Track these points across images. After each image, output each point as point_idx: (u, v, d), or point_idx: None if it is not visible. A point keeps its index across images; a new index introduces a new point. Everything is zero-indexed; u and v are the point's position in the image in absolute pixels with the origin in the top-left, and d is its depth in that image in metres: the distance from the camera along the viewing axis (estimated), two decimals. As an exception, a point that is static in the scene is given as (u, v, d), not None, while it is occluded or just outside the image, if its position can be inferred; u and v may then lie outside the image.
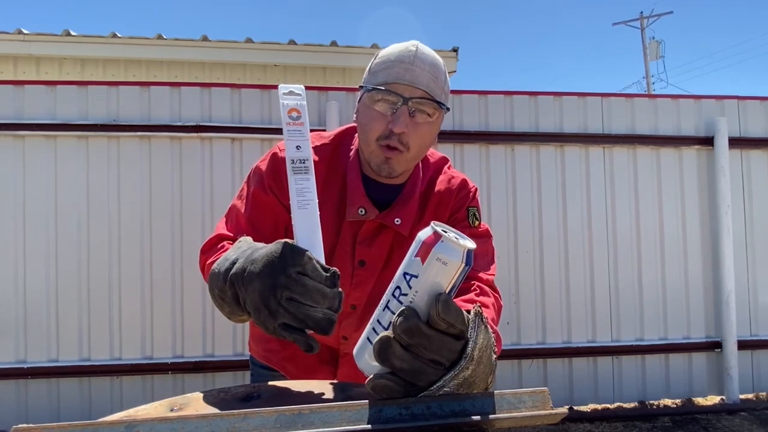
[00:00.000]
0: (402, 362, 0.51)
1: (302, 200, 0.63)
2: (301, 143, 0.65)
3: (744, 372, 2.98)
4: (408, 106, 0.85)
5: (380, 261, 0.97)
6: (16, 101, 2.56)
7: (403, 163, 0.89)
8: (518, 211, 2.88)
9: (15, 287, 2.52)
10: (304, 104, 0.67)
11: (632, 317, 2.95)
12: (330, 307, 0.61)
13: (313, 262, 0.61)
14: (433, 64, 0.87)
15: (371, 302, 1.03)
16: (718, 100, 3.07)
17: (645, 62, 18.72)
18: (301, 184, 0.64)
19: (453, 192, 0.99)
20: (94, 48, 4.67)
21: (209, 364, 2.60)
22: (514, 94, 2.93)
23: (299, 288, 0.59)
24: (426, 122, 0.87)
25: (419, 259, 0.52)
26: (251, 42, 4.89)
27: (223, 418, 0.48)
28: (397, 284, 0.54)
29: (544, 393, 0.53)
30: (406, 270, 0.53)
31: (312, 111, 2.73)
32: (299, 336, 0.61)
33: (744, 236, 3.03)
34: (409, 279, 0.52)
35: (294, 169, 0.64)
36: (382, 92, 0.86)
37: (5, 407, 2.51)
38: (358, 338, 0.64)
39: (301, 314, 0.59)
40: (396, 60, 0.86)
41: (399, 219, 0.93)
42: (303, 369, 1.10)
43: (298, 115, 0.65)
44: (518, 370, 2.86)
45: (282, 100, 0.66)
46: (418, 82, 0.85)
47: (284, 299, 0.60)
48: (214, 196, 2.64)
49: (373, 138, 0.88)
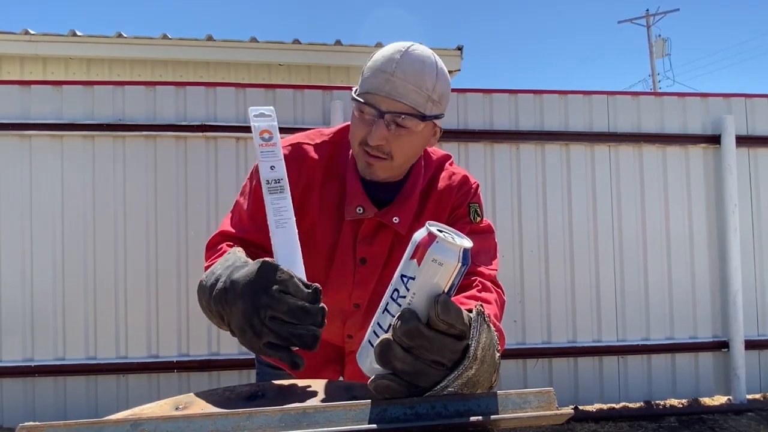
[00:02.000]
0: (404, 364, 0.51)
1: (280, 219, 0.65)
2: (275, 163, 0.66)
3: (751, 372, 2.96)
4: (384, 120, 0.83)
5: (381, 259, 0.97)
6: (22, 101, 2.58)
7: (387, 169, 0.89)
8: (523, 209, 2.87)
9: (22, 286, 2.54)
10: (275, 125, 0.68)
11: (638, 316, 2.93)
12: (314, 323, 0.61)
13: (294, 280, 0.62)
14: (417, 73, 0.83)
15: (374, 301, 1.03)
16: (725, 97, 3.05)
17: (651, 60, 18.62)
18: (278, 203, 0.65)
19: (454, 189, 0.98)
20: (100, 48, 4.69)
21: (214, 362, 2.61)
22: (519, 93, 2.92)
23: (282, 306, 0.60)
24: (406, 134, 0.85)
25: (415, 261, 0.52)
26: (256, 41, 4.89)
27: (227, 417, 0.48)
28: (395, 287, 0.54)
29: (549, 393, 0.53)
30: (403, 272, 0.53)
31: (316, 110, 2.74)
32: (284, 354, 0.62)
33: (751, 235, 3.01)
34: (406, 281, 0.52)
35: (269, 189, 0.65)
36: (360, 104, 0.85)
37: (13, 405, 2.53)
38: (362, 336, 0.64)
39: (285, 332, 0.60)
40: (379, 69, 0.84)
41: (397, 218, 0.93)
42: (309, 369, 1.10)
43: (270, 136, 0.66)
44: (523, 370, 2.86)
45: (253, 123, 0.67)
46: (396, 95, 0.82)
47: (267, 318, 0.61)
48: (219, 195, 2.65)
49: (357, 142, 0.88)
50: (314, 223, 0.96)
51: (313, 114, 2.73)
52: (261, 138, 0.66)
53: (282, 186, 0.66)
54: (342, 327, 1.07)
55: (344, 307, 1.03)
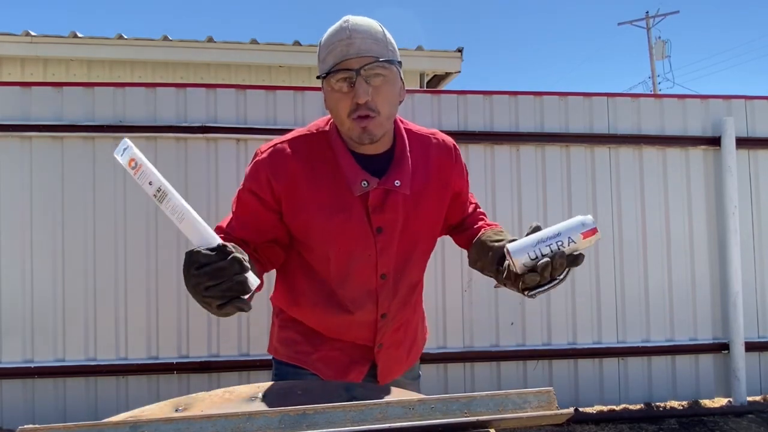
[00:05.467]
0: (548, 274, 0.85)
1: (178, 216, 0.75)
2: (150, 179, 0.75)
3: (752, 374, 2.95)
4: (362, 76, 0.91)
5: (396, 223, 1.04)
6: (23, 102, 2.58)
7: (380, 125, 0.96)
8: (523, 211, 2.87)
9: (22, 287, 2.54)
10: (134, 151, 0.75)
11: (638, 318, 2.93)
12: (235, 272, 0.73)
13: (201, 252, 0.74)
14: (369, 29, 0.93)
15: (399, 269, 1.08)
16: (725, 99, 3.05)
17: (651, 62, 18.64)
18: (169, 205, 0.75)
19: (452, 156, 1.13)
20: (101, 49, 4.71)
21: (214, 364, 2.61)
22: (519, 95, 2.92)
23: (204, 277, 0.72)
24: (384, 83, 0.94)
25: (581, 235, 0.86)
26: (256, 43, 4.91)
27: (227, 418, 0.48)
28: (560, 239, 0.86)
29: (549, 393, 0.53)
30: (570, 236, 0.86)
31: (317, 111, 2.74)
32: (231, 306, 0.74)
33: (751, 237, 3.01)
34: (569, 241, 0.86)
35: (158, 199, 0.75)
36: (335, 73, 0.92)
37: (12, 406, 2.53)
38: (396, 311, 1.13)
39: (218, 292, 0.73)
40: (335, 41, 0.92)
41: (398, 181, 1.01)
42: (336, 369, 1.11)
43: (135, 163, 0.75)
44: (523, 372, 2.85)
45: (120, 161, 0.76)
46: (361, 52, 0.91)
47: (203, 290, 0.73)
48: (219, 196, 2.65)
49: (344, 115, 0.94)
50: (311, 213, 1.01)
51: (313, 115, 2.73)
52: (131, 168, 0.75)
53: (165, 192, 0.75)
54: (375, 309, 1.09)
55: (372, 284, 1.07)
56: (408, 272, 1.10)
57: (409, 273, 1.11)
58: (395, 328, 1.16)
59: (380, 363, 1.15)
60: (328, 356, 1.12)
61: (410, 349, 1.23)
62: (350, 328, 1.11)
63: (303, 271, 1.10)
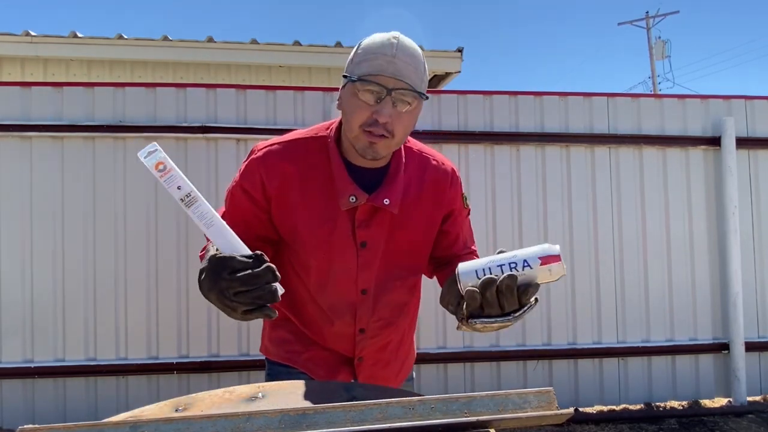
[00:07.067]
0: (492, 297, 0.76)
1: (206, 222, 0.76)
2: (179, 183, 0.75)
3: (751, 374, 2.95)
4: (392, 97, 0.91)
5: (380, 240, 1.03)
6: (23, 102, 2.58)
7: (387, 147, 0.96)
8: (523, 211, 2.87)
9: (22, 288, 2.54)
10: (162, 155, 0.75)
11: (638, 318, 2.93)
12: (267, 281, 0.74)
13: (236, 258, 0.75)
14: (413, 56, 0.93)
15: (379, 285, 1.07)
16: (725, 99, 3.05)
17: (651, 62, 18.63)
18: (197, 211, 0.75)
19: (448, 179, 1.09)
20: (101, 50, 4.70)
21: (214, 364, 2.61)
22: (519, 95, 2.92)
23: (236, 283, 0.73)
24: (408, 111, 0.94)
25: (540, 261, 0.76)
26: (256, 43, 4.90)
27: (227, 418, 0.48)
28: (514, 261, 0.77)
29: (549, 393, 0.53)
30: (527, 259, 0.76)
31: (317, 111, 2.74)
32: (258, 312, 0.75)
33: (751, 237, 3.01)
34: (524, 266, 0.76)
35: (186, 204, 0.75)
36: (367, 83, 0.91)
37: (12, 406, 2.53)
38: (375, 328, 1.08)
39: (249, 298, 0.74)
40: (379, 52, 0.92)
41: (387, 199, 1.00)
42: (326, 369, 1.11)
43: (164, 166, 0.75)
44: (523, 372, 2.85)
45: (146, 164, 0.75)
46: (400, 74, 0.91)
47: (232, 295, 0.74)
48: (219, 196, 2.65)
49: (357, 125, 0.93)
50: (299, 218, 1.01)
51: (313, 115, 2.73)
52: (158, 171, 0.74)
53: (194, 197, 0.75)
54: (353, 322, 1.08)
55: (351, 297, 1.06)
56: (390, 290, 1.08)
57: (391, 291, 1.08)
58: (380, 346, 1.13)
59: (361, 377, 1.14)
60: (318, 356, 1.12)
61: (399, 372, 1.22)
62: (330, 336, 1.11)
63: (293, 270, 1.09)
